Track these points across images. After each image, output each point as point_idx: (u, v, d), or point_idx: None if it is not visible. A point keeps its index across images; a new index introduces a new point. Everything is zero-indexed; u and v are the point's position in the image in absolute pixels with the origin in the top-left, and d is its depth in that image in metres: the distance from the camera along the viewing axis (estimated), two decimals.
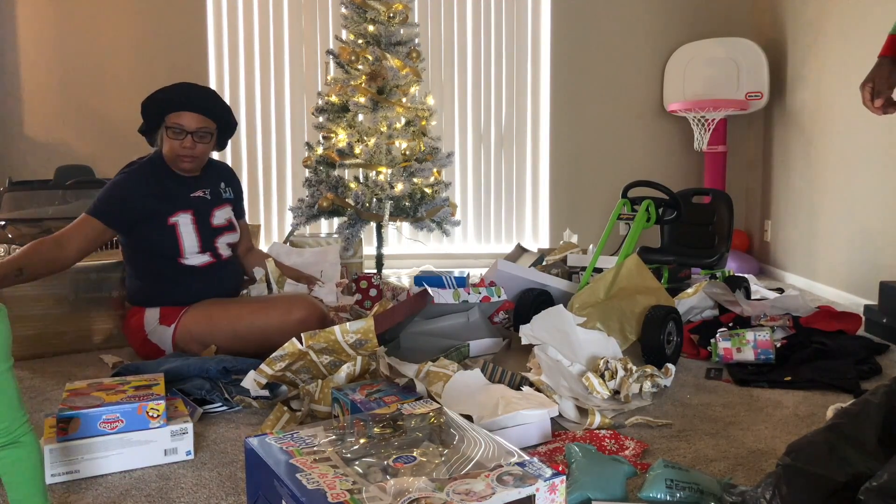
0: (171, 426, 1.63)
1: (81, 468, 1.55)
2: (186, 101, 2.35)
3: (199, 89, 2.41)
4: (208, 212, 2.48)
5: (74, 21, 4.71)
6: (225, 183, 2.59)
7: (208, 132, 2.39)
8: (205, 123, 2.37)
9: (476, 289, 2.56)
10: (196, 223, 2.42)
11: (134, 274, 2.45)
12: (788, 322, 2.63)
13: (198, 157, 2.41)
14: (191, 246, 2.41)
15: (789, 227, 4.32)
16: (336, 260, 2.95)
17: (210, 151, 2.47)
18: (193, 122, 2.35)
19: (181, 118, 2.34)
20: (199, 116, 2.36)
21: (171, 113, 2.35)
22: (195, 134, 2.36)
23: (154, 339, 2.38)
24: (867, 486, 1.11)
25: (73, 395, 1.66)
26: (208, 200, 2.49)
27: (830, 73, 3.82)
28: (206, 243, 2.45)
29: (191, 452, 1.65)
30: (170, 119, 2.35)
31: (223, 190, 2.57)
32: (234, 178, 2.66)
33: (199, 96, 2.38)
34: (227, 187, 2.59)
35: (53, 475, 1.52)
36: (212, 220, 2.49)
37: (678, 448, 1.70)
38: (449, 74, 4.97)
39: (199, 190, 2.48)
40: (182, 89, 2.38)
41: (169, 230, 2.39)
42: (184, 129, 2.34)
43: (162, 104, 2.36)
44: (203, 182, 2.50)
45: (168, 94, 2.36)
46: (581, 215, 4.99)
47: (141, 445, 1.60)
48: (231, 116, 2.48)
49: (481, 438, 1.24)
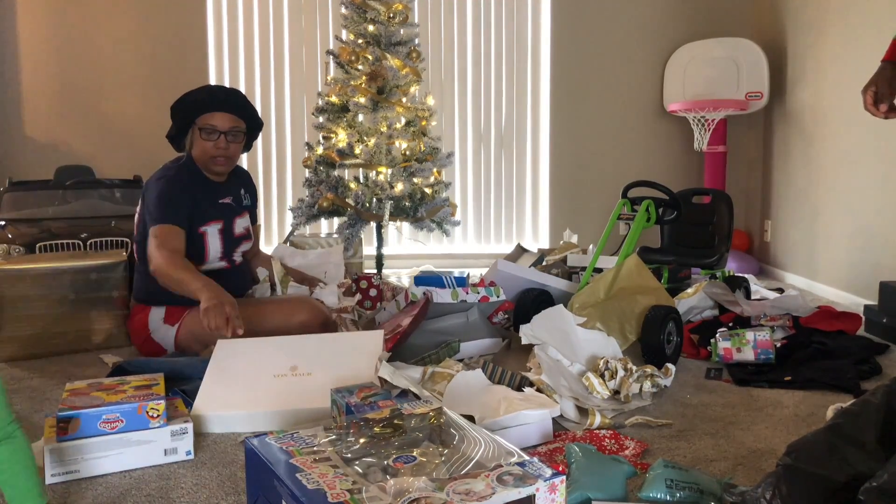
0: (171, 426, 1.63)
1: (81, 468, 1.55)
2: (217, 101, 2.36)
3: (227, 90, 2.43)
4: (232, 220, 2.50)
5: (74, 21, 4.71)
6: (244, 189, 2.61)
7: (240, 131, 2.41)
8: (236, 123, 2.39)
9: (475, 289, 2.56)
10: (222, 233, 2.45)
11: (145, 272, 2.44)
12: (788, 322, 2.63)
13: (231, 157, 2.42)
14: (214, 255, 2.43)
15: (789, 227, 4.32)
16: (340, 261, 2.96)
17: (241, 152, 2.49)
18: (226, 122, 2.36)
19: (213, 118, 2.35)
20: (231, 116, 2.37)
21: (202, 114, 2.35)
22: (228, 133, 2.37)
23: (157, 337, 2.38)
24: (867, 486, 1.11)
25: (73, 395, 1.65)
26: (233, 208, 2.51)
27: (830, 73, 3.82)
28: (227, 252, 2.48)
29: (191, 452, 1.65)
30: (201, 120, 2.36)
31: (243, 196, 2.59)
32: (251, 183, 2.68)
33: (228, 96, 2.40)
34: (246, 193, 2.61)
35: (53, 475, 1.52)
36: (234, 230, 2.50)
37: (678, 448, 1.70)
38: (449, 74, 4.98)
39: (227, 196, 2.50)
40: (211, 90, 2.40)
41: (198, 238, 2.39)
42: (216, 129, 2.35)
43: (192, 106, 2.36)
44: (229, 188, 2.52)
45: (197, 96, 2.37)
46: (581, 215, 4.99)
47: (141, 445, 1.60)
48: (258, 116, 2.50)
49: (481, 438, 1.24)
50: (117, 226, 3.45)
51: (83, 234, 3.33)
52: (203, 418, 1.80)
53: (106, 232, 3.39)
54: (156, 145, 4.71)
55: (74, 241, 3.30)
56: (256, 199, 2.71)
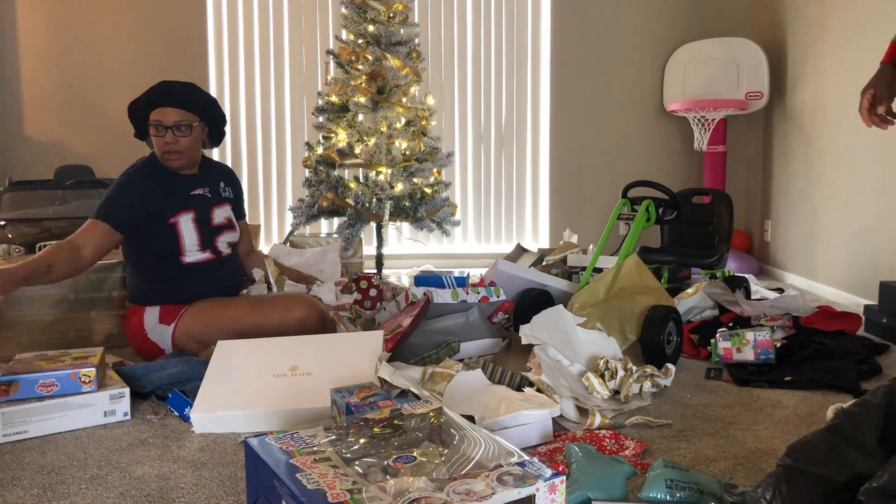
0: (110, 390, 1.88)
1: (30, 429, 1.78)
2: (161, 97, 2.38)
3: (176, 84, 2.42)
4: (208, 210, 2.49)
5: (74, 21, 4.71)
6: (225, 183, 2.61)
7: (188, 125, 2.40)
8: (182, 117, 2.39)
9: (475, 289, 2.56)
10: (196, 221, 2.44)
11: (135, 272, 2.46)
12: (788, 322, 2.63)
13: (183, 151, 2.41)
14: (191, 244, 2.42)
15: (789, 227, 4.32)
16: (336, 259, 2.95)
17: (197, 145, 2.47)
18: (171, 117, 2.37)
19: (159, 114, 2.37)
20: (177, 110, 2.38)
21: (152, 111, 2.39)
22: (174, 128, 2.38)
23: (154, 337, 2.38)
24: (867, 486, 1.11)
25: (18, 363, 1.91)
26: (208, 199, 2.51)
27: (830, 73, 3.82)
28: (206, 241, 2.46)
29: (127, 414, 1.90)
30: (151, 117, 2.39)
31: (223, 189, 2.59)
32: (234, 178, 2.68)
33: (174, 90, 2.40)
34: (226, 187, 2.61)
35: (5, 435, 1.75)
36: (212, 219, 2.50)
37: (678, 448, 1.70)
38: (449, 74, 4.97)
39: (199, 188, 2.50)
40: (158, 87, 2.41)
41: (169, 229, 2.40)
42: (162, 124, 2.37)
43: (142, 105, 2.40)
44: (202, 180, 2.52)
45: (146, 95, 2.40)
46: (581, 215, 4.99)
47: (82, 408, 1.84)
48: (215, 108, 2.49)
49: (481, 438, 1.24)
50: None
51: None
52: (203, 418, 1.80)
53: None
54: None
55: None
56: (241, 194, 2.71)
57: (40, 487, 1.51)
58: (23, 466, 1.62)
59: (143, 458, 1.66)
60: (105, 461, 1.64)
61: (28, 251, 3.27)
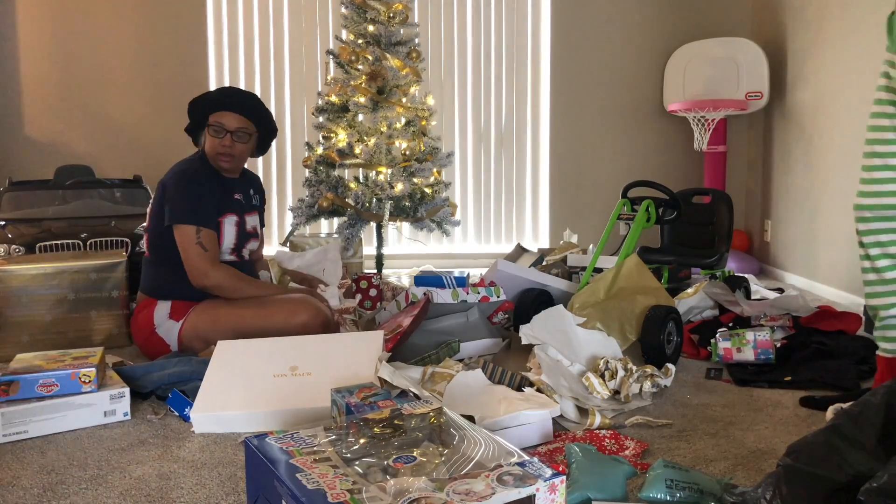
0: (110, 390, 1.87)
1: (30, 429, 1.78)
2: (228, 101, 2.46)
3: (243, 92, 2.54)
4: (244, 216, 2.55)
5: (74, 21, 4.71)
6: (254, 191, 2.67)
7: (247, 133, 2.48)
8: (244, 124, 2.46)
9: (475, 289, 2.56)
10: (238, 226, 2.51)
11: (156, 263, 2.47)
12: (788, 322, 2.63)
13: (236, 156, 2.48)
14: (228, 245, 2.48)
15: (789, 227, 4.32)
16: (336, 257, 2.97)
17: (248, 153, 2.55)
18: (234, 122, 2.44)
19: (222, 117, 2.44)
20: (240, 117, 2.46)
21: (214, 112, 2.45)
22: (234, 133, 2.44)
23: (161, 332, 2.40)
24: (867, 486, 1.11)
25: (17, 363, 1.90)
26: (243, 205, 2.57)
27: (830, 73, 3.82)
28: (238, 246, 2.52)
29: (127, 414, 1.90)
30: (212, 118, 2.45)
31: (252, 196, 2.64)
32: (261, 187, 2.75)
33: (241, 98, 2.49)
34: (255, 195, 2.67)
35: (5, 435, 1.74)
36: (246, 225, 2.56)
37: (678, 448, 1.70)
38: (449, 74, 4.97)
39: (238, 193, 2.55)
40: (226, 91, 2.52)
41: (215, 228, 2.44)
42: (224, 128, 2.43)
43: (206, 104, 2.47)
44: (241, 186, 2.58)
45: (213, 95, 2.49)
46: (581, 215, 4.99)
47: (82, 408, 1.83)
48: (272, 121, 2.58)
49: (481, 438, 1.24)
50: (117, 226, 3.45)
51: (83, 234, 3.33)
52: (203, 418, 1.80)
53: (106, 232, 3.38)
54: (156, 145, 4.73)
55: (74, 241, 3.30)
56: (264, 203, 2.77)
57: (40, 487, 1.51)
58: (23, 466, 1.62)
59: (143, 458, 1.66)
60: (105, 461, 1.64)
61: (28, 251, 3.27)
